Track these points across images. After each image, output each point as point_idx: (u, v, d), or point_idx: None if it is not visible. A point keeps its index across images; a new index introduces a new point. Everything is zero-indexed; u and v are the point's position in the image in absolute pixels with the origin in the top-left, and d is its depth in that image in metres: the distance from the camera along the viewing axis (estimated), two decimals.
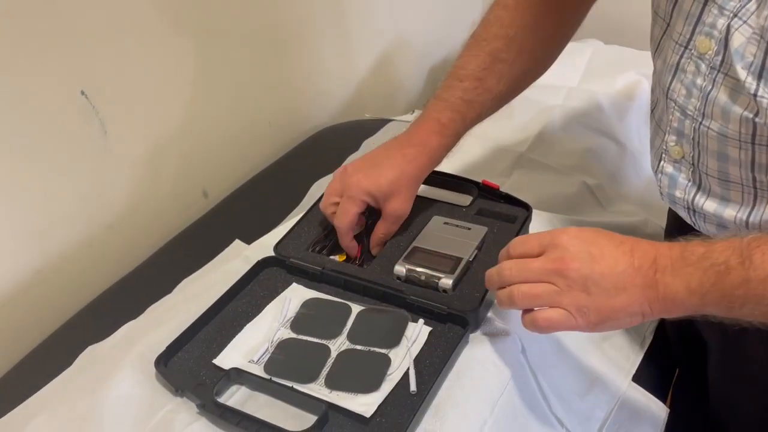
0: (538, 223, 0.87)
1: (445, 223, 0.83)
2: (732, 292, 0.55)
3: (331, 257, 0.83)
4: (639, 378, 0.83)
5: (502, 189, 0.89)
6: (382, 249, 0.82)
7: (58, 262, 0.95)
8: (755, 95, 0.59)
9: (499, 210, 0.85)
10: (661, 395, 0.84)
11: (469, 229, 0.82)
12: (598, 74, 1.22)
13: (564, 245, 0.61)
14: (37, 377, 0.77)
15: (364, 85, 1.37)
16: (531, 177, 1.01)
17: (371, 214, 0.83)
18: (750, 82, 0.60)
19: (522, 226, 0.82)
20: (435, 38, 1.53)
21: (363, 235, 0.84)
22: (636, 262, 0.59)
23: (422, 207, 0.87)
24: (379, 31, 1.40)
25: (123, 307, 0.86)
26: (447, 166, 1.03)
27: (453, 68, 0.84)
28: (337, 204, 0.81)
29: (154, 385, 0.69)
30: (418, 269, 0.75)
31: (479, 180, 0.89)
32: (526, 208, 0.85)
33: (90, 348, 0.80)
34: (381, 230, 0.82)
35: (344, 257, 0.84)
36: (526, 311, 0.64)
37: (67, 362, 0.79)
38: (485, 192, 0.88)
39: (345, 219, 0.80)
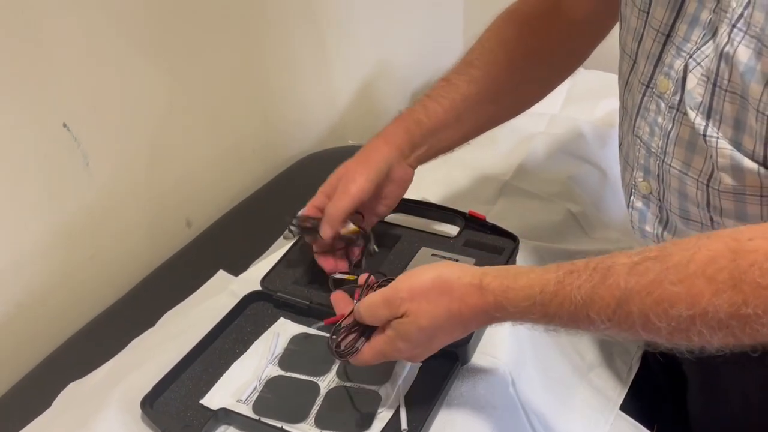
0: (524, 252, 0.87)
1: (433, 254, 0.83)
2: (579, 333, 0.58)
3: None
4: (626, 407, 0.83)
5: (488, 218, 0.89)
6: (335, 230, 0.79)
7: (40, 295, 0.93)
8: (704, 135, 0.60)
9: (486, 241, 0.85)
10: (648, 423, 0.84)
11: (457, 260, 0.82)
12: (580, 100, 1.23)
13: (408, 357, 0.65)
14: (18, 416, 0.76)
15: (347, 112, 1.37)
16: (516, 205, 1.01)
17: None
18: (699, 123, 0.60)
19: (509, 258, 0.82)
20: (417, 64, 1.53)
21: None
22: (472, 326, 0.63)
23: (409, 238, 0.87)
24: (360, 57, 1.40)
25: (105, 341, 0.85)
26: (433, 193, 1.04)
27: None
28: None
29: (140, 427, 0.68)
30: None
31: (466, 210, 0.89)
32: (513, 239, 0.85)
33: (72, 384, 0.79)
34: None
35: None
36: None
37: (48, 399, 0.77)
38: (472, 223, 0.88)
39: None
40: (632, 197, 0.75)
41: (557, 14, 0.84)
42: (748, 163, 0.58)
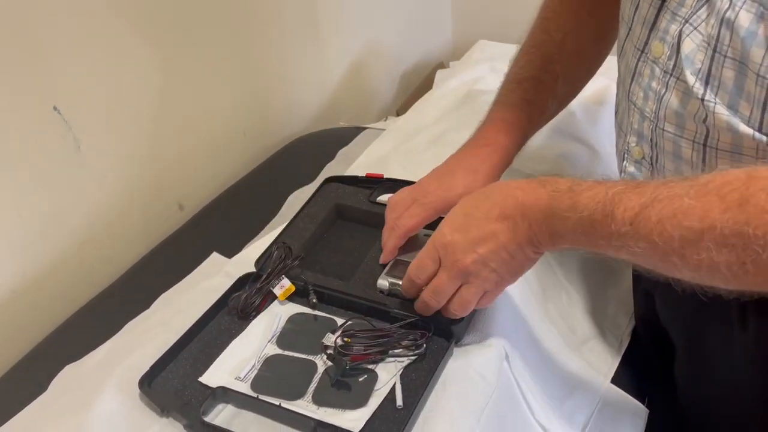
0: None
1: (426, 234, 0.83)
2: (597, 240, 0.60)
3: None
4: (618, 380, 0.84)
5: None
6: None
7: (33, 280, 0.93)
8: (703, 99, 0.62)
9: None
10: (639, 395, 0.86)
11: None
12: None
13: (451, 247, 0.67)
14: (16, 398, 0.76)
15: (338, 94, 1.38)
16: None
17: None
18: (698, 88, 0.62)
19: None
20: (407, 45, 1.53)
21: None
22: (512, 228, 0.65)
23: None
24: (351, 39, 1.40)
25: (100, 324, 0.85)
26: (424, 174, 1.04)
27: (509, 74, 0.87)
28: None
29: (139, 406, 0.68)
30: (401, 282, 0.76)
31: None
32: None
33: (69, 367, 0.79)
34: None
35: None
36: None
37: (44, 382, 0.78)
38: None
39: (410, 222, 0.79)
40: (625, 162, 0.76)
41: None
42: (744, 128, 0.60)
